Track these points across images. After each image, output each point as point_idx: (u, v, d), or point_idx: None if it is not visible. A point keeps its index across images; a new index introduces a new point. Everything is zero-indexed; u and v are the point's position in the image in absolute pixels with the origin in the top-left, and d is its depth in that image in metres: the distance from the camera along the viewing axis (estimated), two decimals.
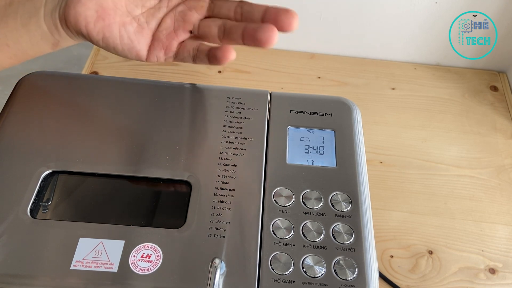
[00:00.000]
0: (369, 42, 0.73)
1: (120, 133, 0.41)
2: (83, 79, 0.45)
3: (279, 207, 0.37)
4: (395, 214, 0.56)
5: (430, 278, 0.51)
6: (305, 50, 0.75)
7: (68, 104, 0.43)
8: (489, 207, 0.57)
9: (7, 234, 0.34)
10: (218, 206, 0.37)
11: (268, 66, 0.72)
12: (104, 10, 0.36)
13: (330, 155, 0.41)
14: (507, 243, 0.54)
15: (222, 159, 0.40)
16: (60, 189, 0.38)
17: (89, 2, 0.36)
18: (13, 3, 0.37)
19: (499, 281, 0.51)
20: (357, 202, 0.38)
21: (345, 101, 0.45)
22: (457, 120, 0.67)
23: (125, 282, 0.33)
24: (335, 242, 0.36)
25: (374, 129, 0.65)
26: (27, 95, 0.43)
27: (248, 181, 0.38)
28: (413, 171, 0.60)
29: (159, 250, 0.34)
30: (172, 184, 0.39)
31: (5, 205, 0.36)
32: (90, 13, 0.36)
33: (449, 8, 0.66)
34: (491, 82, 0.72)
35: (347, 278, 0.34)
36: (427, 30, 0.70)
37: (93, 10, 0.36)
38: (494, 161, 0.62)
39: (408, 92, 0.70)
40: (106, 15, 0.36)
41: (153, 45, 0.39)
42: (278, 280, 0.34)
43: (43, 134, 0.40)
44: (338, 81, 0.71)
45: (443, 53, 0.73)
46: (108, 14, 0.36)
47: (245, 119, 0.43)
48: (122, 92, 0.44)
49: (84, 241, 0.34)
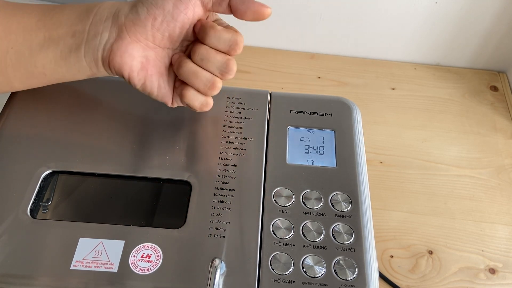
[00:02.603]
0: (369, 42, 0.73)
1: (120, 133, 0.41)
2: (83, 79, 0.45)
3: (279, 207, 0.37)
4: (395, 214, 0.56)
5: (430, 278, 0.51)
6: (305, 50, 0.75)
7: (68, 104, 0.43)
8: (489, 207, 0.57)
9: (7, 234, 0.34)
10: (218, 206, 0.37)
11: (268, 66, 0.72)
12: (148, 62, 0.37)
13: (330, 155, 0.41)
14: (507, 243, 0.54)
15: (222, 159, 0.40)
16: (60, 189, 0.38)
17: (136, 53, 0.37)
18: (52, 36, 0.37)
19: (499, 281, 0.51)
20: (357, 202, 0.38)
21: (345, 101, 0.45)
22: (457, 120, 0.67)
23: (125, 282, 0.33)
24: (335, 242, 0.36)
25: (374, 129, 0.65)
26: (27, 95, 0.43)
27: (248, 181, 0.38)
28: (413, 171, 0.60)
29: (159, 250, 0.34)
30: (172, 184, 0.39)
31: (5, 205, 0.36)
32: (136, 64, 0.37)
33: (449, 8, 0.66)
34: (491, 82, 0.72)
35: (347, 278, 0.34)
36: (427, 30, 0.70)
37: (138, 61, 0.37)
38: (494, 161, 0.62)
39: (408, 92, 0.70)
40: (151, 66, 0.38)
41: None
42: (278, 280, 0.34)
43: (43, 134, 0.40)
44: (338, 81, 0.71)
45: (443, 53, 0.73)
46: (151, 65, 0.38)
47: (245, 119, 0.43)
48: (122, 92, 0.44)
49: (84, 241, 0.34)
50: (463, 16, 0.67)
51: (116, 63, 0.36)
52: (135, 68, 0.37)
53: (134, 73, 0.37)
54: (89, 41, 0.37)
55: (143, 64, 0.37)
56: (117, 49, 0.36)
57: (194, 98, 0.38)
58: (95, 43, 0.36)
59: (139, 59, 0.37)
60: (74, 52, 0.37)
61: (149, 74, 0.38)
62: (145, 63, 0.37)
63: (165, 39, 0.37)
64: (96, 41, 0.36)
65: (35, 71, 0.38)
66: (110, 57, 0.36)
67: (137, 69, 0.37)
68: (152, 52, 0.37)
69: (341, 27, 0.71)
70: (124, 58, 0.36)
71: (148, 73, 0.38)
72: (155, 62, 0.38)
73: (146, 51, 0.37)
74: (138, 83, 0.38)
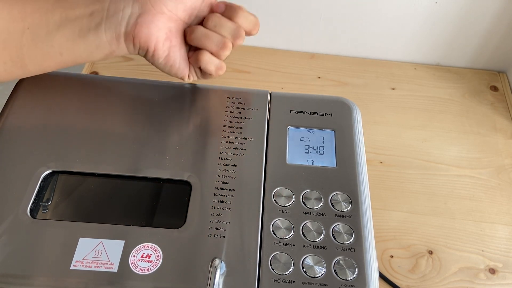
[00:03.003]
0: (369, 42, 0.73)
1: (120, 133, 0.41)
2: (83, 79, 0.45)
3: (279, 207, 0.37)
4: (395, 214, 0.56)
5: (430, 278, 0.51)
6: (305, 50, 0.75)
7: (68, 104, 0.43)
8: (489, 207, 0.57)
9: (7, 234, 0.34)
10: (218, 206, 0.37)
11: (268, 66, 0.72)
12: (172, 33, 0.39)
13: (330, 155, 0.41)
14: (507, 243, 0.54)
15: (222, 159, 0.40)
16: (60, 189, 0.38)
17: (161, 24, 0.38)
18: (69, 16, 0.37)
19: (499, 281, 0.51)
20: (357, 202, 0.38)
21: (345, 101, 0.45)
22: (457, 120, 0.67)
23: (125, 282, 0.33)
24: (335, 242, 0.36)
25: (374, 129, 0.65)
26: (27, 95, 0.43)
27: (248, 181, 0.38)
28: (413, 171, 0.60)
29: (159, 250, 0.34)
30: (172, 184, 0.39)
31: (5, 205, 0.36)
32: (161, 34, 0.39)
33: (449, 8, 0.66)
34: (491, 82, 0.72)
35: (347, 278, 0.34)
36: (427, 30, 0.70)
37: (163, 32, 0.39)
38: (494, 161, 0.62)
39: (408, 92, 0.70)
40: (173, 37, 0.40)
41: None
42: (278, 280, 0.34)
43: (43, 134, 0.40)
44: (338, 81, 0.71)
45: (443, 53, 0.73)
46: (174, 36, 0.40)
47: (245, 119, 0.43)
48: (122, 92, 0.44)
49: (84, 241, 0.34)
50: (463, 16, 0.67)
51: (143, 35, 0.38)
52: (161, 38, 0.39)
53: (160, 44, 0.39)
54: (110, 18, 0.37)
55: (167, 35, 0.39)
56: (143, 21, 0.37)
57: (210, 61, 0.40)
58: (116, 19, 0.37)
59: (164, 30, 0.39)
60: (94, 30, 0.38)
61: (173, 44, 0.40)
62: (169, 34, 0.39)
63: (187, 11, 0.39)
64: (118, 17, 0.37)
65: (51, 51, 0.38)
66: (136, 30, 0.38)
67: (163, 39, 0.39)
68: (174, 24, 0.39)
69: (341, 27, 0.71)
70: (151, 29, 0.38)
71: (172, 44, 0.39)
72: (177, 33, 0.40)
73: (170, 22, 0.39)
74: (162, 55, 0.39)
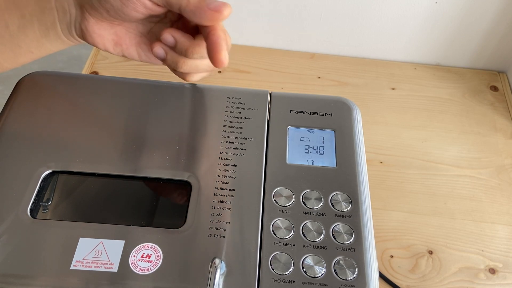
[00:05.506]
0: (369, 42, 0.73)
1: (120, 133, 0.41)
2: (83, 79, 0.45)
3: (279, 207, 0.37)
4: (395, 214, 0.56)
5: (430, 278, 0.51)
6: (305, 50, 0.75)
7: (68, 104, 0.43)
8: (489, 207, 0.57)
9: (7, 234, 0.34)
10: (218, 206, 0.37)
11: (268, 66, 0.72)
12: (119, 38, 0.38)
13: (330, 155, 0.41)
14: (507, 243, 0.54)
15: (222, 159, 0.40)
16: (60, 189, 0.38)
17: (104, 32, 0.37)
18: (25, 15, 0.37)
19: (499, 281, 0.51)
20: (357, 202, 0.38)
21: (345, 101, 0.45)
22: (457, 120, 0.67)
23: (125, 282, 0.33)
24: (335, 242, 0.36)
25: (374, 129, 0.65)
26: (27, 95, 0.43)
27: (248, 181, 0.38)
28: (413, 171, 0.60)
29: (159, 250, 0.34)
30: (172, 184, 0.39)
31: (5, 205, 0.36)
32: (107, 42, 0.38)
33: (449, 8, 0.66)
34: (491, 82, 0.72)
35: (347, 278, 0.34)
36: (427, 30, 0.70)
37: (109, 39, 0.38)
38: (494, 161, 0.62)
39: (408, 92, 0.70)
40: (122, 41, 0.38)
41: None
42: (278, 280, 0.34)
43: (43, 134, 0.40)
44: (338, 81, 0.71)
45: (443, 53, 0.73)
46: (123, 40, 0.38)
47: (245, 119, 0.43)
48: (122, 92, 0.44)
49: (84, 241, 0.34)
50: (463, 16, 0.67)
51: (90, 42, 0.37)
52: (108, 45, 0.38)
53: (110, 49, 0.38)
54: (61, 19, 0.37)
55: (115, 40, 0.38)
56: (86, 30, 0.37)
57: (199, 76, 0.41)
58: (67, 20, 0.37)
59: (109, 37, 0.37)
60: (52, 30, 0.37)
61: (125, 48, 0.39)
62: (117, 40, 0.38)
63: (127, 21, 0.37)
64: (67, 19, 0.37)
65: (21, 51, 0.38)
66: (83, 36, 0.37)
67: (111, 46, 0.38)
68: (121, 27, 0.38)
69: (341, 27, 0.71)
70: (94, 39, 0.37)
71: (123, 47, 0.38)
72: (127, 35, 0.38)
73: (114, 27, 0.37)
74: (118, 55, 0.39)
